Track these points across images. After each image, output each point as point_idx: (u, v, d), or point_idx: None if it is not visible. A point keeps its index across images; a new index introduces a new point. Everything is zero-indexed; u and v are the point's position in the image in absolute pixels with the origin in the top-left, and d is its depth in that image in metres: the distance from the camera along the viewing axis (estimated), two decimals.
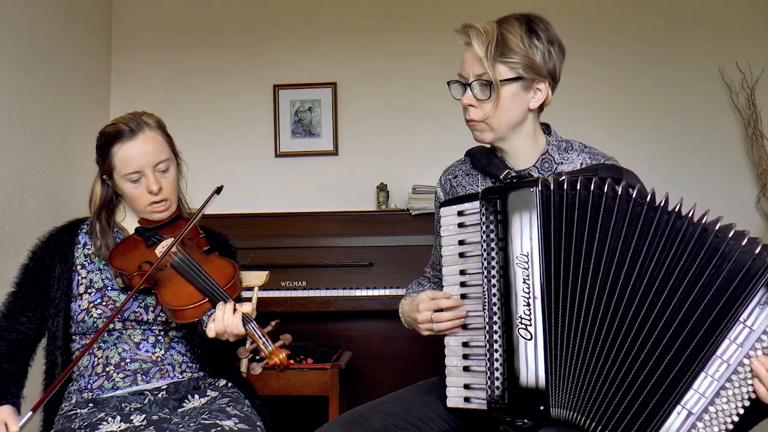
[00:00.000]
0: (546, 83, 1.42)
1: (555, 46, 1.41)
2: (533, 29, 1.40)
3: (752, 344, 1.17)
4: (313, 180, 3.44)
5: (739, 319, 1.17)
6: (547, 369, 1.24)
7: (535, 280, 1.25)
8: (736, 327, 1.17)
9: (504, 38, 1.38)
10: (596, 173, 1.32)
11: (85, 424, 1.41)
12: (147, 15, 3.56)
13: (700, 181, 3.24)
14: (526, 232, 1.27)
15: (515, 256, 1.27)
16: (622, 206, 1.23)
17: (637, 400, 1.21)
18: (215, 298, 1.42)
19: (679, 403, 1.19)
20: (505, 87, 1.40)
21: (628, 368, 1.22)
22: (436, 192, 1.63)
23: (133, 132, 1.53)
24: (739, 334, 1.17)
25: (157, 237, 1.57)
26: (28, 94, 2.74)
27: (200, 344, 1.55)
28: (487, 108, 1.41)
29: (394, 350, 2.94)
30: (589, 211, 1.24)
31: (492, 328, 1.30)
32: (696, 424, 1.18)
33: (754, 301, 1.17)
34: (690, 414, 1.18)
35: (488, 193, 1.33)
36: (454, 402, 1.38)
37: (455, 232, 1.38)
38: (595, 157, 1.47)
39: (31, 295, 1.56)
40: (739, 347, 1.17)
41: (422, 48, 3.38)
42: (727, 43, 3.27)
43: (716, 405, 1.18)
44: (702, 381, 1.18)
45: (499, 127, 1.43)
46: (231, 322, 1.36)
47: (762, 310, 1.17)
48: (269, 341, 1.35)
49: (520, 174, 1.44)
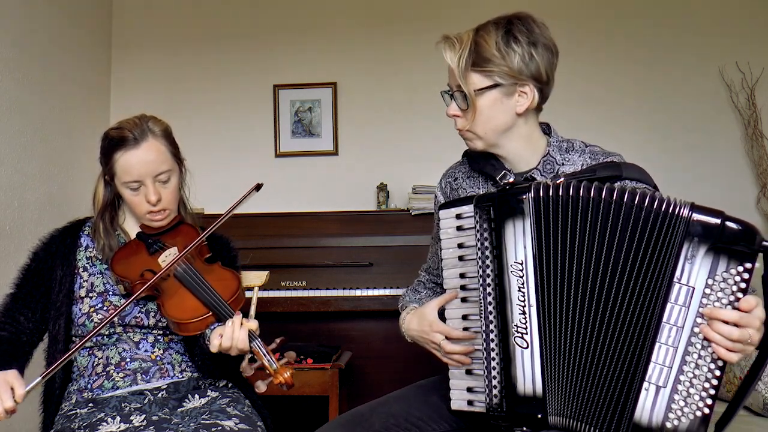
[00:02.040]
0: (530, 86, 1.37)
1: (539, 47, 1.35)
2: (511, 32, 1.35)
3: (699, 301, 1.14)
4: (313, 180, 3.44)
5: (674, 280, 1.15)
6: (544, 377, 1.24)
7: (530, 289, 1.24)
8: (673, 289, 1.15)
9: (478, 46, 1.35)
10: (594, 173, 1.31)
11: (85, 424, 1.41)
12: (147, 16, 3.55)
13: (700, 181, 3.24)
14: (520, 240, 1.25)
15: (509, 265, 1.26)
16: (606, 210, 1.21)
17: (611, 390, 1.20)
18: (219, 312, 1.41)
19: (644, 380, 1.17)
20: (482, 96, 1.37)
21: (605, 364, 1.21)
22: (436, 195, 1.61)
23: (137, 140, 1.51)
24: (678, 295, 1.15)
25: (159, 244, 1.55)
26: (28, 94, 2.74)
27: (200, 356, 1.54)
28: (469, 117, 1.40)
29: (394, 350, 2.94)
30: (579, 216, 1.23)
31: (488, 336, 1.30)
32: (673, 397, 1.15)
33: (681, 258, 1.15)
34: (659, 388, 1.16)
35: (482, 200, 1.32)
36: (458, 405, 1.38)
37: (454, 235, 1.37)
38: (596, 157, 1.44)
39: (31, 296, 1.55)
40: (684, 308, 1.15)
41: (422, 48, 3.36)
42: (727, 43, 3.27)
43: (686, 373, 1.15)
44: (658, 351, 1.16)
45: (485, 134, 1.41)
46: (238, 337, 1.35)
47: (692, 264, 1.14)
48: (274, 359, 1.34)
49: (517, 179, 1.42)
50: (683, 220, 1.15)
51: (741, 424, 1.95)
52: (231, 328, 1.36)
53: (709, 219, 1.14)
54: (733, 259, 1.12)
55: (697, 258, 1.14)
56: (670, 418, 1.16)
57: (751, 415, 2.07)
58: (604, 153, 1.45)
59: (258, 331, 1.39)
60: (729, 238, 1.12)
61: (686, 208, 1.16)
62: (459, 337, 1.35)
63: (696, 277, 1.14)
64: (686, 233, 1.15)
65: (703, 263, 1.14)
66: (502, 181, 1.40)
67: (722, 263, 1.13)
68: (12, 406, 1.30)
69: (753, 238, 1.12)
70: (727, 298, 1.13)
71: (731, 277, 1.13)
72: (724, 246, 1.13)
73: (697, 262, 1.14)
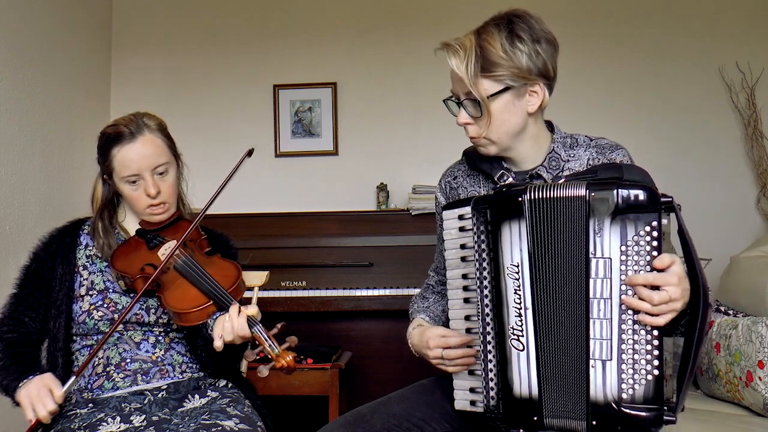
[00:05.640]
0: (540, 84, 1.36)
1: (542, 42, 1.34)
2: (514, 32, 1.33)
3: (619, 269, 1.17)
4: (313, 180, 3.44)
5: (590, 256, 1.19)
6: (539, 379, 1.24)
7: (526, 291, 1.24)
8: (591, 264, 1.19)
9: (484, 51, 1.33)
10: (596, 174, 1.31)
11: (85, 424, 1.41)
12: (147, 15, 3.56)
13: (700, 181, 3.24)
14: (516, 243, 1.25)
15: (505, 267, 1.26)
16: (574, 206, 1.22)
17: (572, 377, 1.21)
18: (220, 300, 1.42)
19: (589, 358, 1.19)
20: (495, 101, 1.35)
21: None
22: (436, 196, 1.61)
23: (133, 135, 1.53)
24: (597, 268, 1.19)
25: (158, 239, 1.57)
26: (28, 94, 2.74)
27: (204, 347, 1.55)
28: (482, 124, 1.38)
29: (394, 350, 2.94)
30: (559, 217, 1.23)
31: (486, 338, 1.30)
32: (621, 368, 1.17)
33: (591, 233, 1.19)
34: (605, 362, 1.18)
35: (479, 202, 1.31)
36: (462, 405, 1.38)
37: (457, 236, 1.37)
38: (603, 150, 1.43)
39: (33, 296, 1.56)
40: (605, 279, 1.18)
41: (422, 48, 3.37)
42: (727, 43, 3.27)
43: (626, 342, 1.17)
44: (594, 326, 1.19)
45: (500, 139, 1.39)
46: (237, 324, 1.36)
47: (601, 237, 1.18)
48: (275, 344, 1.35)
49: (519, 177, 1.42)
50: (582, 199, 1.20)
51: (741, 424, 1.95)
52: (229, 322, 1.37)
53: (603, 193, 1.19)
54: (639, 222, 1.17)
55: (604, 230, 1.19)
56: (623, 389, 1.18)
57: (751, 415, 2.07)
58: (610, 146, 1.44)
59: (259, 316, 1.39)
60: (628, 204, 1.17)
61: (582, 188, 1.20)
62: (457, 343, 1.36)
63: (609, 248, 1.18)
64: (588, 210, 1.19)
65: (612, 233, 1.18)
66: (500, 181, 1.40)
67: (630, 229, 1.17)
68: (55, 408, 1.35)
69: (652, 198, 1.16)
70: (644, 259, 1.17)
71: (642, 239, 1.17)
72: (627, 212, 1.17)
73: (605, 234, 1.18)
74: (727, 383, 2.15)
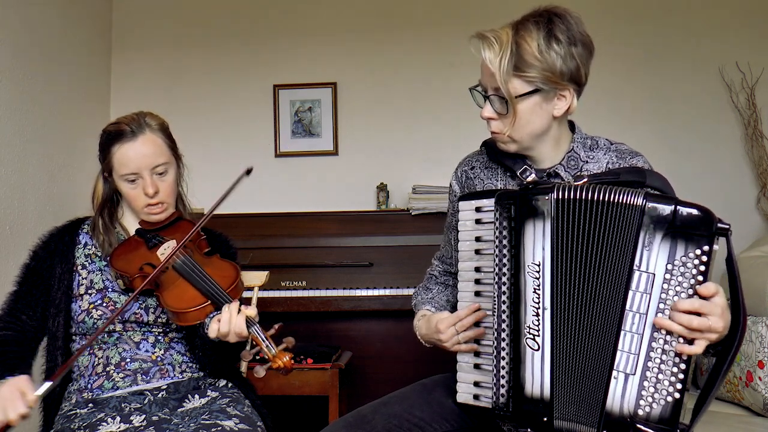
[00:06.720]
0: (570, 90, 1.34)
1: (578, 45, 1.31)
2: (552, 32, 1.29)
3: (661, 287, 1.16)
4: (313, 180, 3.44)
5: (634, 268, 1.17)
6: (553, 380, 1.23)
7: (546, 291, 1.24)
8: (633, 276, 1.17)
9: (519, 49, 1.29)
10: (618, 177, 1.30)
11: (85, 424, 1.41)
12: (147, 15, 3.55)
13: (700, 181, 3.23)
14: (539, 242, 1.24)
15: (527, 265, 1.25)
16: (604, 210, 1.21)
17: (590, 383, 1.21)
18: (218, 300, 1.42)
19: (613, 369, 1.18)
20: (523, 102, 1.32)
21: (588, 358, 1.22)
22: (451, 184, 1.58)
23: (134, 133, 1.53)
24: (639, 282, 1.17)
25: (158, 239, 1.57)
26: (28, 94, 2.74)
27: (201, 346, 1.55)
28: (507, 122, 1.35)
29: (394, 350, 2.94)
30: (591, 218, 1.22)
31: (500, 335, 1.29)
32: (643, 384, 1.17)
33: (639, 245, 1.17)
34: (627, 376, 1.17)
35: (503, 197, 1.30)
36: (464, 398, 1.38)
37: (472, 228, 1.36)
38: (623, 156, 1.42)
39: (32, 295, 1.56)
40: (645, 294, 1.17)
41: (422, 48, 3.38)
42: (727, 43, 3.26)
43: (653, 360, 1.16)
44: (624, 339, 1.18)
45: (522, 139, 1.38)
46: (235, 323, 1.36)
47: (649, 252, 1.16)
48: (272, 344, 1.35)
49: (539, 175, 1.41)
50: (637, 209, 1.18)
51: (741, 424, 1.95)
52: (228, 313, 1.37)
53: (662, 206, 1.17)
54: (691, 243, 1.15)
55: (654, 245, 1.17)
56: (641, 405, 1.17)
57: (751, 415, 2.07)
58: (630, 152, 1.44)
59: (257, 318, 1.40)
60: (684, 223, 1.15)
61: (640, 197, 1.18)
62: (467, 314, 1.35)
63: (655, 264, 1.17)
64: (641, 222, 1.17)
65: (661, 249, 1.16)
66: (522, 176, 1.39)
67: (680, 248, 1.16)
68: (26, 411, 1.33)
69: (708, 221, 1.14)
70: (688, 281, 1.15)
71: (690, 261, 1.15)
72: (680, 231, 1.15)
73: (654, 249, 1.17)
74: (727, 383, 2.14)
